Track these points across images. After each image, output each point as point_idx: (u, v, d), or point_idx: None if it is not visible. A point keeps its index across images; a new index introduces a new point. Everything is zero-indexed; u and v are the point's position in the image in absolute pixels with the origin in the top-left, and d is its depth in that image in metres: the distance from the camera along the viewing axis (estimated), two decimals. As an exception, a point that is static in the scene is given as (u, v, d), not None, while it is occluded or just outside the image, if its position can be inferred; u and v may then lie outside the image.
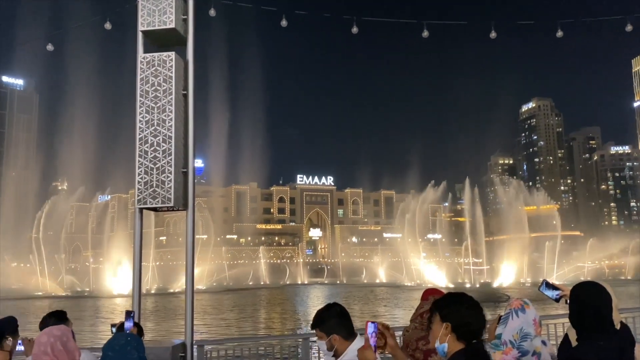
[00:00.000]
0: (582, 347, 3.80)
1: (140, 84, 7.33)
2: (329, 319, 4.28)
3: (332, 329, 4.23)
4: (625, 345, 4.14)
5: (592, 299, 3.88)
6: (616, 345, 3.78)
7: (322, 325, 4.28)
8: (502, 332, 4.31)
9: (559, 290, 4.79)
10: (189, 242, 7.47)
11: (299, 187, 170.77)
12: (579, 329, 3.91)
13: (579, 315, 3.90)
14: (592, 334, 3.79)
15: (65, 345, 3.49)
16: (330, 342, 4.21)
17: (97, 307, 57.82)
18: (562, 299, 4.77)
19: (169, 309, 54.56)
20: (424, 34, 18.12)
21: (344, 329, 4.24)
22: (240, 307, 57.27)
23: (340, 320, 4.29)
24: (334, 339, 4.21)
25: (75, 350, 3.53)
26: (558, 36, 18.32)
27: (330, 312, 4.33)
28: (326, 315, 4.31)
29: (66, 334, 3.55)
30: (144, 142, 7.15)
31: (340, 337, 4.21)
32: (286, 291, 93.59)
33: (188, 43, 7.80)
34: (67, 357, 3.47)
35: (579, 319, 3.91)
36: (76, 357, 3.51)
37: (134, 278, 7.46)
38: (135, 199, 7.12)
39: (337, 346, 4.21)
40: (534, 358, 4.15)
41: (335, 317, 4.30)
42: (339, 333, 4.22)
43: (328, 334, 4.23)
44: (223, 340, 12.57)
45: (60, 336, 3.52)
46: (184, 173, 7.37)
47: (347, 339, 4.22)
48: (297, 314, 49.25)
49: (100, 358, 3.42)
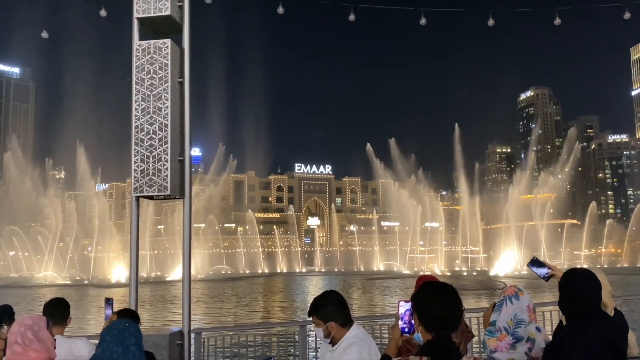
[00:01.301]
0: (571, 334, 3.79)
1: (135, 72, 7.29)
2: (326, 306, 4.31)
3: (329, 316, 4.26)
4: (617, 332, 4.15)
5: (582, 285, 3.87)
6: (605, 332, 3.77)
7: (319, 312, 4.30)
8: (497, 319, 4.33)
9: (548, 269, 4.77)
10: (185, 231, 7.49)
11: (297, 176, 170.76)
12: (568, 316, 3.91)
13: (569, 302, 3.89)
14: (581, 321, 3.78)
15: (36, 334, 3.46)
16: (327, 329, 4.24)
17: (95, 296, 57.99)
18: (551, 278, 4.74)
19: (167, 297, 54.76)
20: (421, 22, 18.05)
21: (341, 316, 4.27)
22: (237, 296, 57.53)
23: (337, 307, 4.31)
24: (330, 327, 4.24)
25: (47, 339, 3.51)
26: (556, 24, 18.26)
27: (327, 300, 4.35)
28: (323, 303, 4.33)
29: (38, 323, 3.53)
30: (139, 130, 7.13)
31: (337, 325, 4.24)
32: (284, 280, 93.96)
33: (184, 30, 7.75)
34: (39, 346, 3.45)
35: (569, 305, 3.89)
36: (49, 346, 3.50)
37: (130, 266, 7.48)
38: (132, 187, 7.11)
39: (334, 333, 4.24)
40: (528, 344, 4.17)
41: (333, 304, 4.32)
42: (335, 320, 4.25)
43: (325, 321, 4.26)
44: (220, 328, 12.64)
45: (31, 325, 3.49)
46: (181, 161, 7.36)
47: (344, 326, 4.26)
48: (294, 302, 49.48)
49: (99, 342, 3.42)
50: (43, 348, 3.46)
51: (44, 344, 3.47)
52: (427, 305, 3.34)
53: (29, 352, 3.40)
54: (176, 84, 7.39)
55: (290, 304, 47.76)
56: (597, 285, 3.89)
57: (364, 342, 4.19)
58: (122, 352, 3.31)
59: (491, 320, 4.39)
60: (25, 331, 3.44)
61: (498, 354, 4.27)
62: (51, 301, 5.56)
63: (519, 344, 4.21)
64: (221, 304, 47.56)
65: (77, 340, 5.33)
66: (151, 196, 7.20)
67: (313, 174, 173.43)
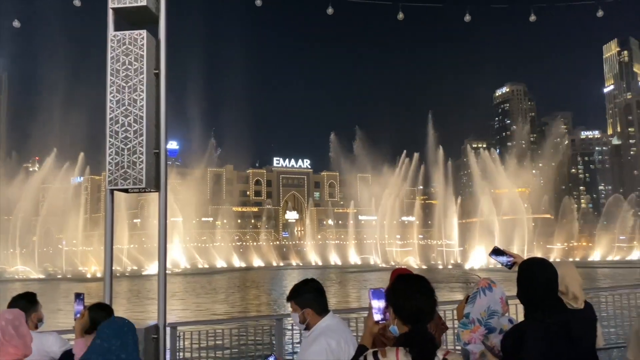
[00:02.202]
0: (527, 323, 3.83)
1: (110, 63, 7.17)
2: (304, 293, 4.40)
3: (306, 302, 4.35)
4: (581, 322, 4.23)
5: (539, 274, 3.90)
6: (565, 321, 3.81)
7: (297, 298, 4.39)
8: (470, 311, 4.39)
9: (510, 257, 4.85)
10: (161, 224, 7.41)
11: (275, 170, 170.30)
12: (526, 305, 3.94)
13: (525, 292, 3.93)
14: (538, 311, 3.82)
15: (17, 329, 3.43)
16: (303, 315, 4.32)
17: (69, 290, 57.14)
18: (514, 265, 4.82)
19: (143, 291, 54.25)
20: (399, 16, 18.10)
21: (318, 304, 4.36)
22: (214, 290, 57.27)
23: (315, 295, 4.40)
24: (307, 312, 4.32)
25: (27, 335, 3.48)
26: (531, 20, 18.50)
27: (307, 287, 4.44)
28: (302, 289, 4.42)
29: (19, 318, 3.50)
30: (114, 122, 7.03)
31: (313, 312, 4.32)
32: (261, 274, 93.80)
33: (160, 21, 7.65)
34: (19, 341, 3.41)
35: (526, 295, 3.93)
36: (27, 342, 3.46)
37: (105, 260, 7.38)
38: (106, 180, 7.01)
39: (310, 320, 4.32)
40: (501, 336, 4.24)
41: (311, 292, 4.41)
42: (312, 307, 4.34)
43: (302, 307, 4.34)
44: (196, 322, 12.58)
45: (12, 320, 3.45)
46: (156, 154, 7.27)
47: (320, 314, 4.34)
48: (272, 296, 49.48)
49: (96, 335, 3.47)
50: (21, 344, 3.42)
51: (23, 340, 3.44)
52: (402, 299, 3.36)
53: (8, 347, 3.36)
54: (152, 75, 7.29)
55: (267, 298, 47.74)
56: (554, 274, 3.92)
57: (336, 332, 4.24)
58: (120, 346, 3.39)
59: (465, 313, 4.45)
60: (7, 326, 3.41)
61: (472, 345, 4.33)
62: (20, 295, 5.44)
63: (492, 334, 4.27)
64: (197, 298, 47.32)
65: (48, 336, 5.24)
66: (126, 189, 7.11)
67: (291, 168, 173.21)
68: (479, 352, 4.28)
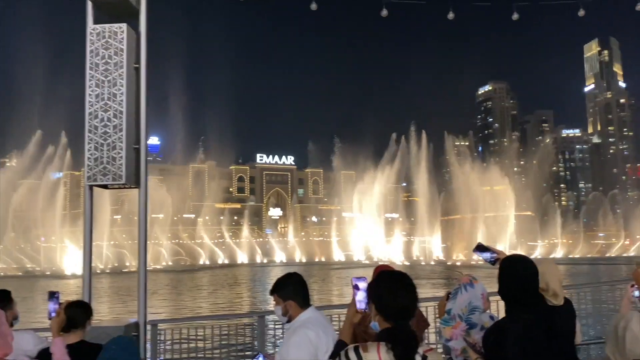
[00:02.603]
0: (508, 319, 3.85)
1: (89, 57, 7.05)
2: (287, 286, 4.45)
3: (288, 295, 4.39)
4: (561, 319, 4.26)
5: (519, 271, 3.92)
6: (544, 318, 3.85)
7: (280, 291, 4.43)
8: (452, 307, 4.40)
9: (493, 253, 4.88)
10: (141, 221, 7.32)
11: (258, 167, 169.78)
12: (506, 301, 3.96)
13: (506, 288, 3.95)
14: (518, 307, 3.84)
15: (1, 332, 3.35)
16: (285, 307, 4.37)
17: (47, 288, 56.36)
18: (497, 262, 4.86)
19: (124, 288, 53.74)
20: (382, 13, 18.10)
21: (300, 297, 4.41)
22: (196, 287, 56.96)
23: (298, 288, 4.45)
24: (289, 305, 4.36)
25: (8, 335, 3.41)
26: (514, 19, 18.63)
27: (289, 280, 4.49)
28: (285, 282, 4.48)
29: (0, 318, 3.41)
30: (93, 117, 6.91)
31: (296, 304, 4.37)
32: (244, 270, 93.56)
33: (141, 14, 7.53)
34: (1, 341, 3.33)
35: (506, 291, 3.95)
36: (9, 341, 3.39)
37: (84, 257, 7.27)
38: (85, 176, 6.90)
39: (292, 312, 4.36)
40: (482, 333, 4.25)
41: (294, 285, 4.46)
42: (294, 300, 4.38)
43: (284, 300, 4.38)
44: (177, 320, 12.48)
45: None
46: (136, 149, 7.18)
47: (302, 307, 4.38)
48: (254, 292, 49.36)
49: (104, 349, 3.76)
50: (2, 343, 3.35)
51: (5, 339, 3.37)
52: (386, 296, 3.35)
53: None
54: (132, 70, 7.19)
55: (250, 295, 47.62)
56: (535, 271, 3.94)
57: (315, 325, 4.28)
58: None
59: (446, 309, 4.46)
60: None
61: (453, 342, 4.34)
62: None
63: (473, 330, 4.28)
64: (179, 296, 47.02)
65: (24, 334, 5.14)
66: (105, 185, 7.01)
67: (275, 165, 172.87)
68: (460, 349, 4.29)
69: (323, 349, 4.12)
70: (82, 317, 4.82)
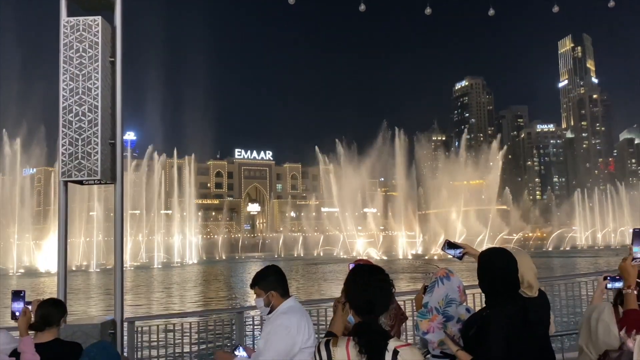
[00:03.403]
0: (490, 310, 3.92)
1: (63, 50, 6.92)
2: (267, 277, 4.57)
3: (270, 286, 4.51)
4: (538, 310, 4.35)
5: (499, 264, 3.99)
6: (522, 309, 3.91)
7: (261, 282, 4.54)
8: (429, 300, 4.45)
9: (460, 249, 4.99)
10: (117, 217, 7.23)
11: (237, 162, 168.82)
12: (486, 294, 4.04)
13: (487, 280, 4.02)
14: (499, 299, 3.91)
15: None
16: (267, 298, 4.48)
17: (20, 286, 55.34)
18: (464, 256, 4.97)
19: (100, 286, 53.06)
20: (361, 8, 18.12)
21: (281, 287, 4.53)
22: (173, 284, 56.49)
23: (277, 278, 4.57)
24: (271, 295, 4.48)
25: None
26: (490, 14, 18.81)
27: (269, 271, 4.62)
28: (264, 274, 4.60)
29: None
30: (68, 112, 6.79)
31: (278, 294, 4.49)
32: (222, 266, 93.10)
33: (116, 7, 7.41)
34: None
35: (487, 283, 4.03)
36: None
37: (59, 255, 7.16)
38: (59, 172, 6.79)
39: (274, 302, 4.47)
40: (459, 325, 4.31)
41: (274, 275, 4.59)
42: (276, 290, 4.50)
43: (266, 290, 4.50)
44: (154, 317, 12.37)
45: None
46: (112, 144, 7.08)
47: (283, 296, 4.51)
48: (233, 288, 49.16)
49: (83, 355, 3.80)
50: None
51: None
52: (354, 290, 3.41)
53: None
54: (107, 63, 7.07)
55: (229, 291, 47.42)
56: (513, 262, 4.02)
57: (296, 313, 4.41)
58: None
59: (424, 302, 4.51)
60: None
61: (430, 335, 4.40)
62: None
63: (449, 323, 4.34)
64: (156, 293, 46.60)
65: None
66: (80, 181, 6.90)
67: (253, 160, 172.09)
68: (437, 341, 4.35)
69: (304, 336, 4.25)
70: (56, 315, 4.76)
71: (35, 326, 4.65)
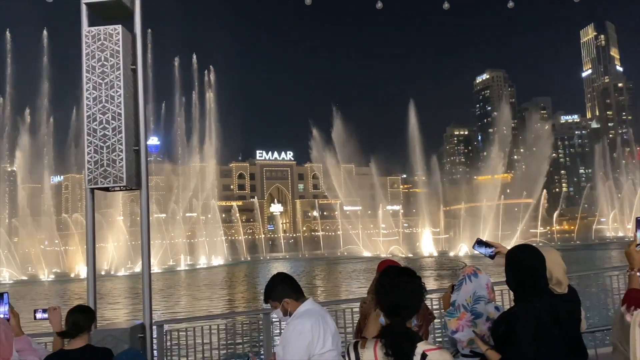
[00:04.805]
0: (518, 308, 3.89)
1: (85, 60, 7.03)
2: (275, 288, 4.51)
3: (281, 294, 4.46)
4: (567, 306, 4.27)
5: (527, 261, 3.96)
6: (552, 305, 3.87)
7: (272, 295, 4.50)
8: (456, 298, 4.40)
9: (493, 247, 4.90)
10: (144, 222, 7.32)
11: (258, 163, 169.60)
12: (515, 291, 4.01)
13: (515, 278, 3.98)
14: (527, 296, 3.87)
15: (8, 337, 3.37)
16: (283, 306, 4.43)
17: (50, 291, 56.45)
18: (497, 255, 4.88)
19: (128, 290, 53.81)
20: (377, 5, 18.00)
21: (293, 292, 4.47)
22: (200, 286, 56.98)
23: (286, 284, 4.52)
24: (286, 303, 4.43)
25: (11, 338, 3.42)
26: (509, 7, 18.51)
27: (275, 281, 4.56)
28: (272, 285, 4.54)
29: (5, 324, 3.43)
30: (92, 120, 6.90)
31: (291, 300, 4.43)
32: (248, 267, 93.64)
33: (135, 15, 7.51)
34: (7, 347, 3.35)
35: (515, 281, 3.99)
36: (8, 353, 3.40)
37: (88, 260, 7.28)
38: (86, 179, 6.89)
39: (290, 308, 4.43)
40: (488, 323, 4.25)
41: (281, 283, 4.53)
42: (289, 297, 4.45)
43: (280, 301, 4.45)
44: (182, 320, 12.49)
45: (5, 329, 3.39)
46: (136, 151, 7.17)
47: (298, 299, 4.45)
48: (259, 289, 49.36)
49: None
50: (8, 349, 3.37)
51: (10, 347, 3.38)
52: (383, 292, 3.40)
53: None
54: (129, 71, 7.17)
55: (255, 292, 47.65)
56: (542, 260, 3.98)
57: (313, 315, 4.35)
58: None
59: (451, 301, 4.46)
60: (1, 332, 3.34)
61: (459, 334, 4.34)
62: None
63: (478, 320, 4.28)
64: (184, 295, 47.08)
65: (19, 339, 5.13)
66: (106, 188, 7.00)
67: (275, 161, 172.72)
68: (467, 340, 4.29)
69: (320, 338, 4.21)
70: (86, 321, 4.83)
71: (67, 333, 4.72)
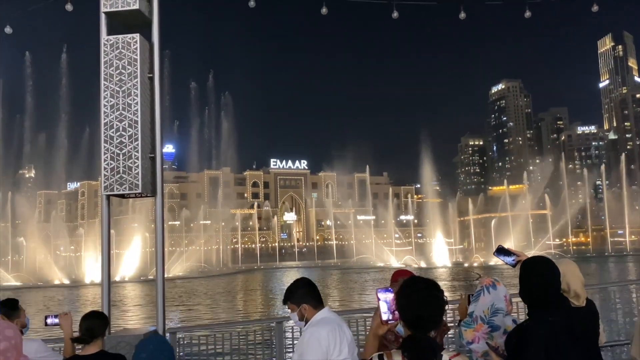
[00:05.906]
0: (530, 321, 3.83)
1: (104, 67, 7.13)
2: (297, 291, 4.52)
3: (301, 299, 4.47)
4: (583, 320, 4.19)
5: (541, 274, 3.89)
6: (567, 319, 3.81)
7: (292, 297, 4.50)
8: (474, 309, 4.34)
9: (514, 256, 4.81)
10: (158, 229, 7.36)
11: (272, 172, 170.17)
12: (529, 304, 3.94)
13: (528, 290, 3.92)
14: (541, 309, 3.81)
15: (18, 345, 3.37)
16: (300, 311, 4.43)
17: (64, 297, 56.94)
18: (518, 264, 4.79)
19: (142, 296, 54.08)
20: (393, 15, 18.05)
21: (312, 298, 4.48)
22: (214, 293, 57.08)
23: (308, 290, 4.53)
24: (303, 308, 4.43)
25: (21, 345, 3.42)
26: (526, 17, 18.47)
27: (298, 284, 4.57)
28: (294, 288, 4.55)
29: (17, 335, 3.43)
30: (109, 127, 6.98)
31: (310, 307, 4.44)
32: (261, 275, 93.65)
33: (153, 25, 7.61)
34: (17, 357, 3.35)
35: (528, 294, 3.93)
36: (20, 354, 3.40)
37: (102, 266, 7.33)
38: (102, 186, 6.96)
39: (307, 315, 4.43)
40: (505, 336, 4.18)
41: (304, 287, 4.54)
42: (308, 302, 4.45)
43: (298, 304, 4.46)
44: (196, 327, 12.50)
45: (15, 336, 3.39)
46: (152, 158, 7.23)
47: (316, 307, 4.45)
48: (272, 298, 49.34)
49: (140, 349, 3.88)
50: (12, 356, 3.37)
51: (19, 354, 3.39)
52: (407, 304, 3.35)
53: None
54: (146, 79, 7.25)
55: (268, 300, 47.63)
56: (555, 272, 3.91)
57: (328, 323, 4.35)
58: None
59: (469, 312, 4.40)
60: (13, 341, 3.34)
61: (475, 345, 4.28)
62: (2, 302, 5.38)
63: (495, 333, 4.22)
64: (197, 303, 47.16)
65: (32, 343, 5.17)
66: (122, 195, 7.06)
67: (289, 169, 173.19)
68: (482, 352, 4.23)
69: (336, 347, 4.21)
70: (100, 327, 4.85)
71: (82, 339, 4.74)
